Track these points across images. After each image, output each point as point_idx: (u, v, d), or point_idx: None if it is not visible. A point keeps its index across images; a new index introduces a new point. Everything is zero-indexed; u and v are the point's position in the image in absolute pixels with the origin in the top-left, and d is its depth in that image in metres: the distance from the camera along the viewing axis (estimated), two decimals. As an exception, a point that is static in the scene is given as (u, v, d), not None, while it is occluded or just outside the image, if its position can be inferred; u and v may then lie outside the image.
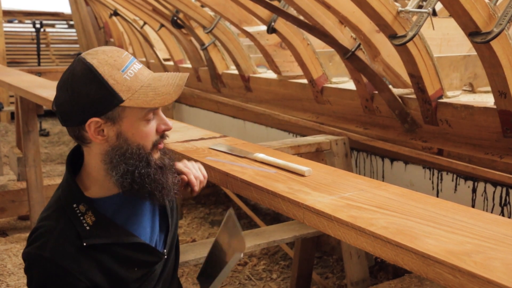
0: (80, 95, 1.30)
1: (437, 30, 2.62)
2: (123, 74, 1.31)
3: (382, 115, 2.76)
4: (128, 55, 1.36)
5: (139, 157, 1.35)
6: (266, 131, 3.74)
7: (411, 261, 1.12)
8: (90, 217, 1.35)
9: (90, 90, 1.29)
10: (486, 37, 1.97)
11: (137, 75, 1.33)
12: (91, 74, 1.30)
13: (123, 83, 1.30)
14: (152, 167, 1.37)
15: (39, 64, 8.84)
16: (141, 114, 1.34)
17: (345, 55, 2.62)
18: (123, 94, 1.30)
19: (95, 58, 1.31)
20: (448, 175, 2.48)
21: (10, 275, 3.29)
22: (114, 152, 1.34)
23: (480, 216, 1.30)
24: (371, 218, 1.28)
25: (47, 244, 1.30)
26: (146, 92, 1.32)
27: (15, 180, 4.65)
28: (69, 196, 1.37)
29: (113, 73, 1.30)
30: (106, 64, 1.31)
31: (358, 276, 2.69)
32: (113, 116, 1.32)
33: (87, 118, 1.31)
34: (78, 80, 1.31)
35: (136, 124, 1.34)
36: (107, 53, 1.33)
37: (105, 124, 1.32)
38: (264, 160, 1.77)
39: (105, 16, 6.68)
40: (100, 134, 1.33)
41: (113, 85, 1.30)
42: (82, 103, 1.30)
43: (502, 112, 2.13)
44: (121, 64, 1.32)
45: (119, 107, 1.31)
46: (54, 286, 1.30)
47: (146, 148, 1.37)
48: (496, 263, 1.03)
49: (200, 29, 3.92)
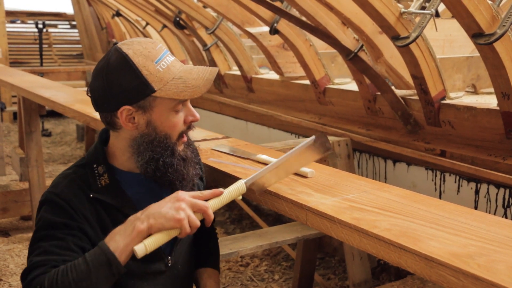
0: (114, 83, 1.36)
1: (440, 31, 2.62)
2: (156, 65, 1.36)
3: (385, 116, 2.76)
4: (162, 47, 1.41)
5: (165, 146, 1.41)
6: (269, 132, 3.74)
7: (414, 263, 1.12)
8: (104, 179, 1.42)
9: (124, 79, 1.35)
10: (489, 39, 1.97)
11: (170, 67, 1.38)
12: (126, 63, 1.35)
13: (156, 74, 1.36)
14: (176, 157, 1.42)
15: (42, 65, 8.85)
16: (171, 104, 1.39)
17: (347, 56, 2.62)
18: (155, 84, 1.36)
19: (130, 48, 1.37)
20: (450, 176, 2.47)
21: (13, 275, 3.29)
22: (142, 139, 1.40)
23: (483, 218, 1.30)
24: (374, 220, 1.28)
25: (59, 185, 1.39)
26: (177, 84, 1.37)
27: (17, 180, 4.65)
28: (93, 157, 1.45)
29: (146, 64, 1.35)
30: (141, 55, 1.36)
31: (360, 278, 2.69)
32: (144, 105, 1.37)
33: (120, 105, 1.37)
34: (113, 68, 1.36)
35: (166, 114, 1.39)
36: (142, 44, 1.38)
37: (136, 112, 1.38)
38: (267, 161, 1.77)
39: (108, 16, 6.69)
40: (131, 121, 1.39)
41: (146, 75, 1.35)
42: (116, 91, 1.36)
43: (505, 113, 2.13)
44: (155, 56, 1.37)
45: (150, 96, 1.37)
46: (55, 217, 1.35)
47: (172, 138, 1.42)
48: (500, 265, 1.03)
49: (202, 30, 3.92)
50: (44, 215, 1.36)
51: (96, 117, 2.59)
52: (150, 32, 5.28)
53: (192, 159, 1.48)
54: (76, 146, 6.86)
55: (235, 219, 4.20)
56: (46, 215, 1.35)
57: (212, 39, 4.03)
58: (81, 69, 8.00)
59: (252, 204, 4.15)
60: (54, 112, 6.91)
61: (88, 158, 1.46)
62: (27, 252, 3.82)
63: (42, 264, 1.29)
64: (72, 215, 1.35)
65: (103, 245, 1.27)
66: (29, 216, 4.02)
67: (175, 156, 1.42)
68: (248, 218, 4.11)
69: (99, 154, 1.45)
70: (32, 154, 3.77)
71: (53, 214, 1.35)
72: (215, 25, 3.65)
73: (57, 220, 1.34)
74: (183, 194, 1.32)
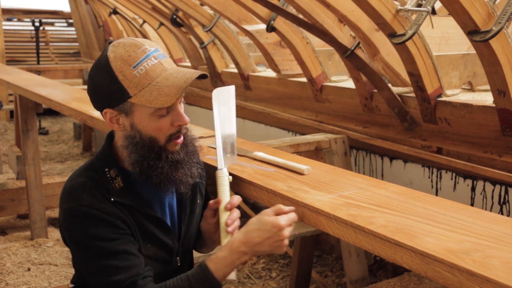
0: (97, 85, 1.38)
1: (436, 28, 2.62)
2: (134, 70, 1.33)
3: (382, 114, 2.76)
4: (145, 49, 1.36)
5: (150, 148, 1.39)
6: (266, 130, 3.74)
7: (410, 259, 1.12)
8: (118, 182, 1.42)
9: (104, 82, 1.36)
10: (485, 36, 1.97)
11: (148, 72, 1.34)
12: (106, 67, 1.35)
13: (131, 80, 1.33)
14: (163, 160, 1.40)
15: (38, 63, 8.84)
16: (150, 110, 1.36)
17: (344, 54, 2.62)
18: (130, 90, 1.34)
19: (114, 51, 1.36)
20: (447, 173, 2.48)
21: (9, 273, 3.29)
22: (130, 140, 1.40)
23: (479, 214, 1.30)
24: (370, 216, 1.28)
25: (83, 196, 1.37)
26: (151, 91, 1.34)
27: (14, 178, 4.65)
28: (103, 161, 1.44)
29: (123, 69, 1.33)
30: (120, 59, 1.34)
31: (357, 275, 2.70)
32: (124, 109, 1.37)
33: (102, 107, 1.40)
34: (96, 70, 1.38)
35: (147, 118, 1.37)
36: (126, 46, 1.36)
37: (119, 114, 1.38)
38: (264, 159, 1.77)
39: (105, 14, 6.68)
40: (117, 122, 1.40)
41: (122, 80, 1.34)
42: (98, 92, 1.39)
43: (501, 110, 2.13)
44: (134, 60, 1.34)
45: (128, 102, 1.35)
46: (96, 228, 1.35)
47: (159, 141, 1.40)
48: (495, 261, 1.03)
49: (199, 27, 3.92)
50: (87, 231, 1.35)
51: (93, 115, 2.59)
52: (147, 30, 5.27)
53: (188, 161, 1.46)
54: (73, 145, 6.85)
55: (232, 216, 4.20)
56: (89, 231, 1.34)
57: (209, 36, 4.03)
58: (78, 67, 7.99)
59: (250, 202, 4.16)
60: (51, 111, 6.89)
61: (99, 162, 1.45)
62: (24, 250, 3.81)
63: (129, 283, 1.32)
64: (112, 221, 1.36)
65: (209, 274, 1.31)
66: (26, 215, 4.01)
67: (162, 159, 1.40)
68: (245, 216, 4.12)
69: (108, 157, 1.44)
70: (29, 153, 3.76)
71: (97, 227, 1.34)
72: (212, 23, 3.65)
73: (104, 232, 1.34)
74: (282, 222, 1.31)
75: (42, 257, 3.52)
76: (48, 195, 3.98)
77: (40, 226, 3.80)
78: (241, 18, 3.38)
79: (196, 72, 1.39)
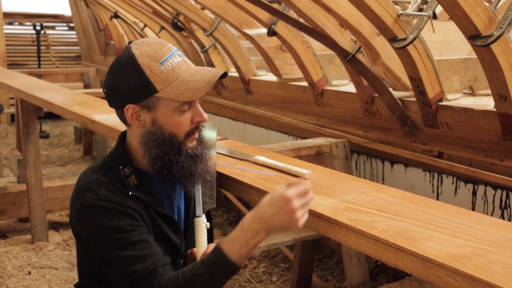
0: (121, 81, 1.41)
1: (437, 33, 2.62)
2: (161, 66, 1.39)
3: (382, 118, 2.76)
4: (170, 48, 1.43)
5: (170, 144, 1.43)
6: (266, 134, 3.74)
7: (411, 264, 1.12)
8: (133, 180, 1.46)
9: (129, 78, 1.40)
10: (486, 40, 1.98)
11: (174, 68, 1.40)
12: (132, 63, 1.39)
13: (159, 75, 1.38)
14: (183, 155, 1.44)
15: (39, 66, 8.85)
16: (174, 105, 1.41)
17: (345, 58, 2.62)
18: (157, 85, 1.38)
19: (139, 48, 1.41)
20: (448, 178, 2.48)
21: (10, 277, 3.29)
22: (149, 137, 1.43)
23: (480, 219, 1.30)
24: (371, 221, 1.28)
25: (99, 190, 1.39)
26: (179, 86, 1.39)
27: (15, 182, 4.64)
28: (117, 159, 1.47)
29: (151, 65, 1.39)
30: (147, 56, 1.39)
31: (358, 279, 2.69)
32: (148, 104, 1.41)
33: (125, 103, 1.42)
34: (121, 67, 1.42)
35: (170, 113, 1.42)
36: (151, 44, 1.42)
37: (142, 110, 1.42)
38: (265, 163, 1.77)
39: (106, 18, 6.68)
40: (137, 119, 1.43)
41: (149, 75, 1.38)
42: (122, 89, 1.41)
43: (502, 115, 2.13)
44: (161, 57, 1.40)
45: (153, 96, 1.39)
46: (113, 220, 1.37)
47: (179, 137, 1.44)
48: (497, 266, 1.03)
49: (200, 31, 3.92)
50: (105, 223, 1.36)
51: (94, 119, 2.59)
52: (148, 34, 5.28)
53: (203, 156, 1.50)
54: (74, 148, 6.85)
55: (233, 220, 4.20)
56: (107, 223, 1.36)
57: (210, 41, 4.03)
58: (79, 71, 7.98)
59: (250, 206, 4.15)
60: (52, 114, 6.90)
61: (112, 161, 1.48)
62: (24, 254, 3.81)
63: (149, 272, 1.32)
64: (129, 213, 1.39)
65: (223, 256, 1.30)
66: (26, 218, 4.01)
67: (182, 154, 1.44)
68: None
69: (122, 155, 1.48)
70: (30, 156, 3.76)
71: (114, 219, 1.36)
72: (213, 27, 3.65)
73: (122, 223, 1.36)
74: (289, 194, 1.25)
75: (42, 260, 3.52)
76: (49, 199, 3.98)
77: (41, 229, 3.79)
78: (242, 22, 3.39)
79: (221, 70, 1.45)
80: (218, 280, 1.31)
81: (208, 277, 1.30)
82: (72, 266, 3.44)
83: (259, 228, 1.29)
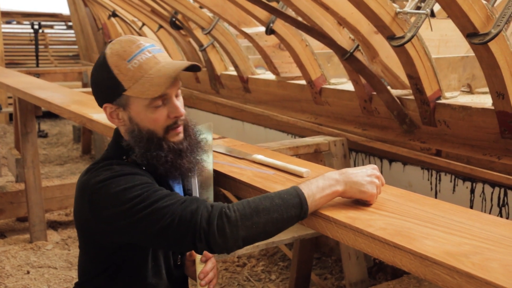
0: (96, 81, 1.44)
1: (435, 31, 2.62)
2: (128, 64, 1.37)
3: (381, 116, 2.76)
4: (140, 44, 1.40)
5: (149, 140, 1.41)
6: (265, 132, 3.74)
7: (409, 262, 1.12)
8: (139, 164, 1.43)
9: (102, 78, 1.41)
10: (484, 38, 1.98)
11: (142, 65, 1.37)
12: (103, 63, 1.40)
13: (126, 73, 1.37)
14: (164, 150, 1.42)
15: (38, 65, 8.84)
16: (144, 102, 1.39)
17: (343, 56, 2.62)
18: (125, 83, 1.37)
19: (110, 48, 1.41)
20: (446, 176, 2.48)
21: (9, 276, 3.29)
22: (130, 134, 1.43)
23: (478, 217, 1.30)
24: (369, 219, 1.28)
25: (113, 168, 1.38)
26: (144, 83, 1.37)
27: (13, 181, 4.64)
28: (117, 152, 1.46)
29: (119, 63, 1.37)
30: (116, 54, 1.38)
31: (356, 277, 2.70)
32: (122, 103, 1.41)
33: (102, 102, 1.44)
34: (95, 67, 1.44)
35: (144, 111, 1.40)
36: (122, 43, 1.40)
37: (118, 109, 1.42)
38: (263, 162, 1.77)
39: (104, 17, 6.67)
40: (116, 117, 1.43)
41: (117, 74, 1.37)
42: (97, 89, 1.44)
43: (500, 113, 2.14)
44: (129, 54, 1.38)
45: (123, 95, 1.39)
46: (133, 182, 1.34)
47: (157, 133, 1.42)
48: (494, 264, 1.03)
49: (198, 30, 3.92)
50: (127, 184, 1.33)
51: (92, 118, 2.59)
52: (147, 33, 5.27)
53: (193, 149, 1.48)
54: (72, 147, 6.85)
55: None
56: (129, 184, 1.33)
57: (208, 39, 4.03)
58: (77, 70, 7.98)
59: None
60: (50, 113, 6.89)
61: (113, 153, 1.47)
62: (23, 253, 3.82)
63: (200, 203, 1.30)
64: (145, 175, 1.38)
65: (298, 189, 1.30)
66: (25, 218, 4.01)
67: (163, 149, 1.41)
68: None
69: (120, 148, 1.46)
70: (28, 155, 3.76)
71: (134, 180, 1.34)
72: (211, 26, 3.65)
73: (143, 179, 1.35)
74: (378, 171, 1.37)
75: (41, 260, 3.52)
76: (47, 198, 3.98)
77: (39, 229, 3.79)
78: (240, 21, 3.38)
79: (186, 62, 1.41)
80: (286, 208, 1.27)
81: (278, 201, 1.27)
82: (71, 265, 3.44)
83: (339, 178, 1.33)
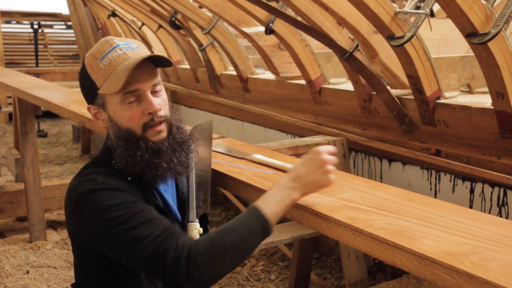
0: (80, 83, 1.48)
1: (435, 31, 2.63)
2: (100, 63, 1.40)
3: (380, 116, 2.76)
4: (113, 43, 1.41)
5: (128, 139, 1.41)
6: (264, 132, 3.74)
7: (408, 262, 1.12)
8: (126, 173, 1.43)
9: (82, 79, 1.46)
10: (484, 38, 1.98)
11: (111, 62, 1.39)
12: (83, 65, 1.45)
13: (97, 72, 1.40)
14: (142, 149, 1.40)
15: (37, 65, 8.84)
16: (116, 99, 1.40)
17: (343, 56, 2.62)
18: (98, 82, 1.40)
19: (89, 50, 1.45)
20: (446, 175, 2.48)
21: (8, 276, 3.29)
22: (113, 134, 1.44)
23: (477, 216, 1.30)
24: (369, 219, 1.28)
25: (96, 179, 1.37)
26: (111, 79, 1.38)
27: (13, 181, 4.64)
28: (108, 156, 1.46)
29: (92, 63, 1.41)
30: (91, 55, 1.42)
31: (356, 277, 2.70)
32: (99, 102, 1.43)
33: (87, 103, 1.47)
34: (80, 70, 1.48)
35: (118, 108, 1.41)
36: (98, 44, 1.45)
37: (99, 109, 1.44)
38: (262, 161, 1.77)
39: (103, 17, 6.67)
40: (100, 118, 1.45)
41: (91, 74, 1.41)
42: (82, 90, 1.48)
43: (500, 112, 2.14)
44: (101, 53, 1.41)
45: (98, 94, 1.41)
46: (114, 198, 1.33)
47: (136, 131, 1.41)
48: (494, 263, 1.03)
49: (198, 30, 3.92)
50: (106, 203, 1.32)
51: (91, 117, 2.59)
52: (146, 33, 5.27)
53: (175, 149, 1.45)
54: (72, 147, 6.85)
55: (231, 219, 4.20)
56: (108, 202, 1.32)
57: (208, 39, 4.03)
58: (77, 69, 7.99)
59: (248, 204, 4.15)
60: (50, 113, 6.89)
61: (104, 157, 1.47)
62: (22, 253, 3.81)
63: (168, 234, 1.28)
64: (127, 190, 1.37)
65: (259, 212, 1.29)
66: (24, 217, 4.01)
67: (141, 148, 1.40)
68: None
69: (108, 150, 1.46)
70: (28, 155, 3.76)
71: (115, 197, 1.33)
72: (211, 25, 3.65)
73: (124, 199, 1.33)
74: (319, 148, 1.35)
75: (41, 259, 3.52)
76: (47, 198, 3.98)
77: (39, 228, 3.79)
78: (240, 21, 3.38)
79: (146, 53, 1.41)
80: (251, 236, 1.28)
81: (242, 231, 1.27)
82: (70, 265, 3.44)
83: (295, 186, 1.32)
